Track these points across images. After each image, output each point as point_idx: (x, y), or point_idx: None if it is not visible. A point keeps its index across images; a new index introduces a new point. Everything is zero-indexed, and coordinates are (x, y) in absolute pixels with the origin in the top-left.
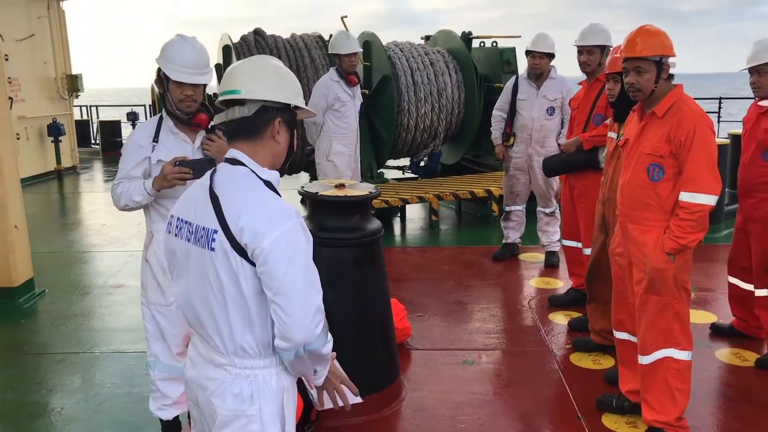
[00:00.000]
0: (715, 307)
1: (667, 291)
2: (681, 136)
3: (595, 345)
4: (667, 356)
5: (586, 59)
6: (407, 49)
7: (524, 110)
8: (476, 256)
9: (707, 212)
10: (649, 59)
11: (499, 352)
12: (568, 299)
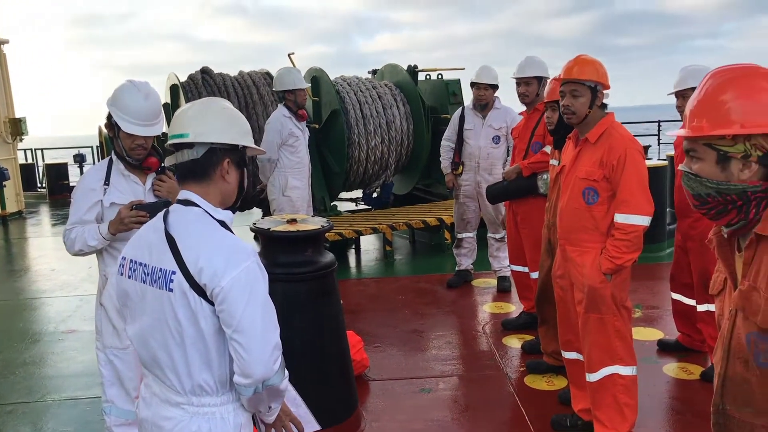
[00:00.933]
0: (662, 323)
1: (607, 309)
2: (613, 161)
3: (548, 366)
4: (613, 373)
5: (524, 90)
6: (355, 83)
7: (471, 139)
8: (431, 284)
9: (641, 232)
10: (585, 83)
11: (455, 378)
12: (521, 323)
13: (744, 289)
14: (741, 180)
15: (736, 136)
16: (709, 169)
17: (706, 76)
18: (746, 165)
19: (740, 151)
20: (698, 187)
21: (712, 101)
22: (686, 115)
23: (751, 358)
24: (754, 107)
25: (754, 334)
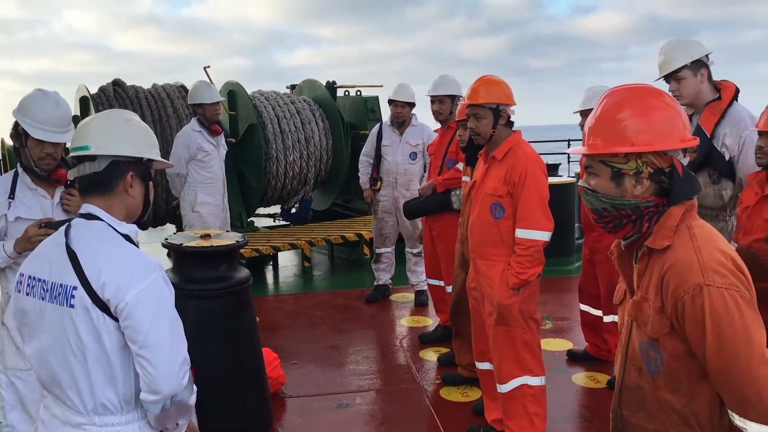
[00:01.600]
0: (571, 334)
1: (515, 323)
2: (515, 177)
3: (463, 378)
4: (523, 384)
5: (438, 108)
6: (273, 98)
7: (389, 155)
8: (349, 299)
9: (540, 247)
10: (486, 106)
11: (373, 393)
12: (437, 336)
13: (637, 299)
14: (634, 195)
15: (628, 153)
16: (604, 184)
17: (602, 96)
18: (638, 181)
19: (632, 168)
20: (596, 202)
21: (607, 120)
22: (585, 133)
23: (644, 366)
24: (645, 126)
25: (645, 342)
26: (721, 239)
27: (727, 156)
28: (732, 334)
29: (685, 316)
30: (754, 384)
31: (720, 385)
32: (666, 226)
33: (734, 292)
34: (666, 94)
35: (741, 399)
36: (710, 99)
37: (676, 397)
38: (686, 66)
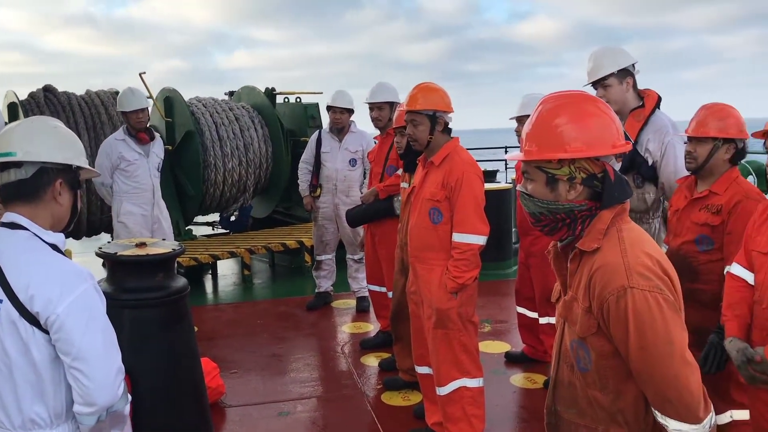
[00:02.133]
0: (509, 336)
1: (453, 325)
2: (452, 183)
3: (404, 382)
4: (461, 386)
5: (377, 115)
6: (211, 104)
7: (328, 162)
8: (290, 307)
9: (476, 251)
10: (423, 113)
11: (314, 400)
12: (378, 341)
13: (567, 299)
14: (568, 200)
15: (561, 159)
16: (540, 189)
17: (539, 102)
18: (572, 186)
19: (566, 174)
20: (532, 206)
21: (543, 127)
22: (522, 139)
23: (575, 363)
24: (579, 133)
25: (575, 341)
26: (649, 242)
27: (650, 161)
28: (654, 335)
29: (610, 317)
30: (674, 383)
31: (643, 384)
32: (596, 229)
33: (657, 294)
34: (600, 101)
35: (662, 398)
36: (634, 106)
37: (603, 394)
38: (613, 74)
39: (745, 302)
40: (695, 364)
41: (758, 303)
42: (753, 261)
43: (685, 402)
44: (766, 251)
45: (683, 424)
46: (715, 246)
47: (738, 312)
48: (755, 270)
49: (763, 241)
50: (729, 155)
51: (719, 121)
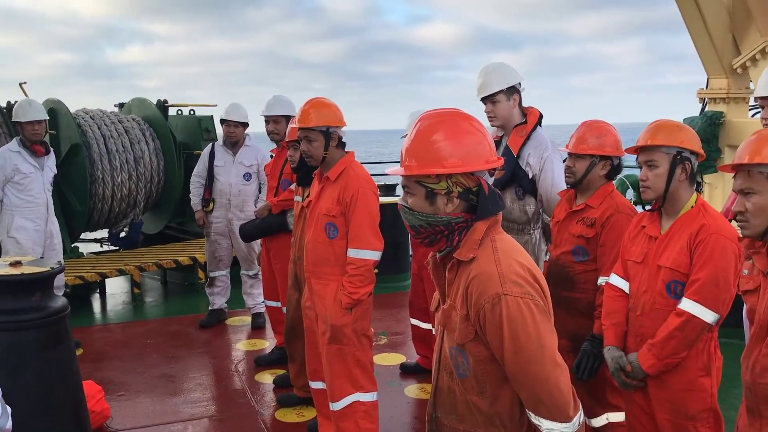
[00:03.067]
0: (405, 348)
1: (348, 341)
2: (347, 198)
3: (298, 399)
4: (355, 400)
5: (273, 128)
6: (99, 116)
7: (222, 176)
8: (183, 325)
9: (371, 266)
10: (317, 129)
11: (206, 421)
12: (274, 358)
13: (446, 308)
14: (446, 213)
15: (439, 174)
16: (420, 203)
17: (417, 119)
18: (449, 200)
19: (444, 188)
20: (413, 220)
21: (421, 143)
22: (402, 155)
23: (454, 370)
24: (455, 149)
25: (454, 348)
26: (520, 251)
27: (530, 175)
28: (526, 339)
29: (486, 323)
30: (546, 385)
31: (518, 387)
32: (471, 240)
33: (529, 300)
34: (475, 119)
35: (535, 399)
36: (518, 122)
37: (481, 399)
38: (502, 91)
39: (622, 311)
40: (565, 366)
41: (632, 310)
42: (628, 271)
43: (556, 402)
44: (639, 260)
45: (555, 423)
46: (590, 257)
47: (615, 320)
48: (630, 279)
49: (637, 252)
50: (605, 171)
51: (597, 138)
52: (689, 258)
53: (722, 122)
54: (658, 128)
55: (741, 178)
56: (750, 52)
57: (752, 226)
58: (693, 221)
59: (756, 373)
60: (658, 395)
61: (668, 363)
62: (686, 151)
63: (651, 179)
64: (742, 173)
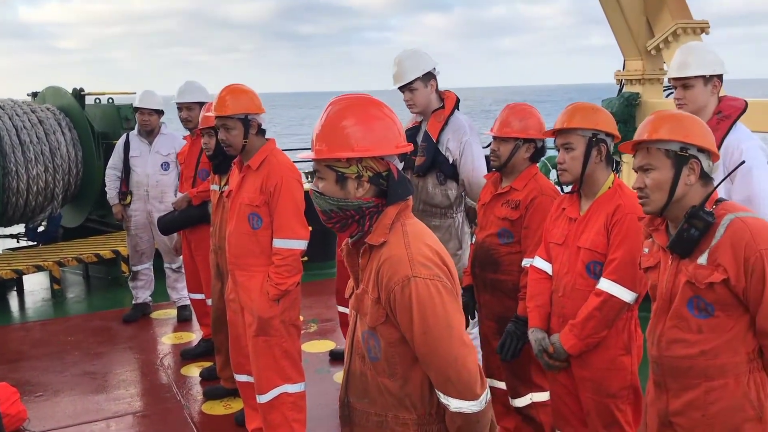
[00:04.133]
0: (335, 335)
1: (275, 332)
2: (270, 188)
3: (225, 390)
4: (282, 392)
5: (186, 116)
6: (9, 106)
7: (138, 167)
8: (106, 321)
9: (298, 256)
10: (235, 117)
11: (130, 417)
12: (200, 350)
13: (359, 292)
14: (357, 197)
15: (350, 158)
16: (331, 187)
17: (328, 104)
18: (360, 184)
19: (354, 172)
20: (324, 204)
21: (331, 127)
22: (312, 139)
23: (366, 354)
24: (365, 134)
25: (366, 331)
26: (429, 235)
27: (451, 159)
28: (435, 320)
29: (396, 305)
30: (454, 364)
31: (427, 367)
32: (382, 225)
33: (437, 282)
34: (384, 104)
35: (444, 378)
36: (436, 107)
37: (392, 381)
38: (418, 78)
39: (546, 293)
40: (472, 346)
41: (555, 291)
42: (550, 252)
43: (464, 380)
44: (560, 242)
45: (462, 401)
46: (515, 239)
47: (539, 302)
48: (552, 261)
49: (558, 233)
50: (529, 154)
51: (520, 121)
52: (606, 238)
53: (638, 103)
54: (574, 111)
55: (641, 156)
56: (662, 35)
57: (652, 202)
58: (609, 202)
59: (661, 347)
60: (581, 375)
61: (589, 342)
62: (602, 133)
63: (568, 162)
64: (642, 151)
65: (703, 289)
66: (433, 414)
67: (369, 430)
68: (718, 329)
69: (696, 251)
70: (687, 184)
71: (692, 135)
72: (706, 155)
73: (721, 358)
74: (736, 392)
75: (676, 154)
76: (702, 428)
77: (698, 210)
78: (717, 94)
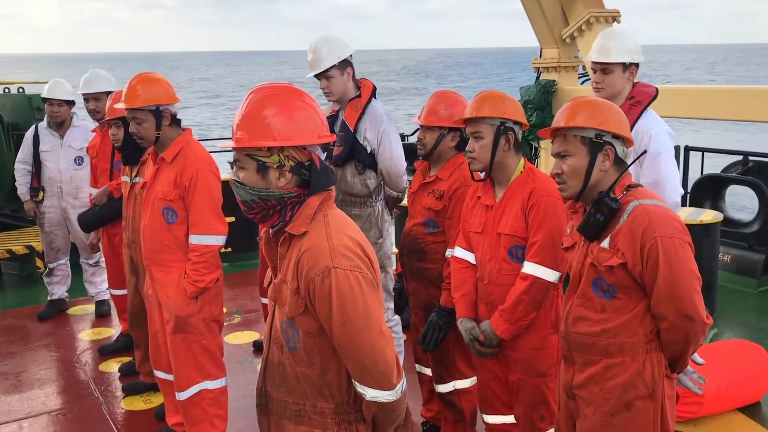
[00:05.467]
0: (259, 325)
1: (193, 330)
2: (185, 182)
3: (145, 385)
4: (202, 389)
5: (94, 106)
6: None
7: (50, 162)
8: (19, 319)
9: (216, 252)
10: (145, 109)
11: (45, 417)
12: (119, 346)
13: (277, 282)
14: (278, 187)
15: (271, 147)
16: (251, 177)
17: (249, 92)
18: (282, 174)
19: (276, 162)
20: (244, 194)
21: (252, 116)
22: (233, 128)
23: (284, 343)
24: (287, 123)
25: (285, 321)
26: (351, 226)
27: (369, 149)
28: (354, 311)
29: (315, 296)
30: (372, 353)
31: (345, 357)
32: (304, 214)
33: (358, 273)
34: (306, 94)
35: (361, 368)
36: (353, 96)
37: (311, 370)
38: (334, 66)
39: (470, 281)
40: (391, 336)
41: (480, 279)
42: (471, 241)
43: (381, 369)
44: (480, 230)
45: (378, 391)
46: (440, 229)
47: (464, 291)
48: (474, 249)
49: (476, 222)
50: (455, 142)
51: (446, 110)
52: (525, 222)
53: (555, 90)
54: (482, 100)
55: (558, 142)
56: (576, 23)
57: (569, 187)
58: (524, 186)
59: (569, 323)
60: (511, 357)
61: (520, 326)
62: (509, 121)
63: (477, 150)
64: (559, 137)
65: (604, 272)
66: (351, 403)
67: (286, 418)
68: (620, 310)
69: (603, 235)
70: (602, 170)
71: (607, 122)
72: (621, 141)
73: (620, 337)
74: (632, 370)
75: (591, 140)
76: (599, 402)
77: (604, 196)
78: (633, 80)
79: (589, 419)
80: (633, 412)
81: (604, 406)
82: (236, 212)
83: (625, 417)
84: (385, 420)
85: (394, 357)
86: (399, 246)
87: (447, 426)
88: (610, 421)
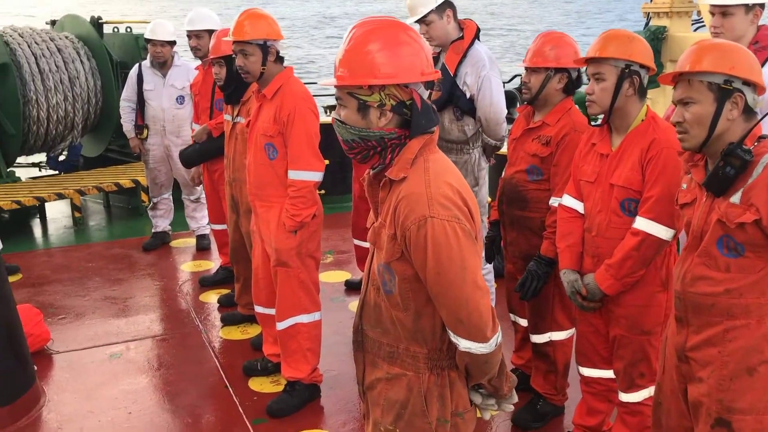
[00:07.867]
0: (350, 266)
1: (293, 263)
2: (284, 117)
3: (242, 317)
4: (297, 322)
5: (196, 44)
6: (29, 34)
7: (153, 101)
8: (126, 248)
9: (312, 188)
10: (254, 43)
11: (149, 341)
12: (218, 278)
13: (376, 225)
14: (379, 127)
15: (372, 86)
16: (352, 116)
17: (351, 27)
18: (383, 113)
19: (376, 101)
20: (345, 133)
21: (355, 52)
22: (335, 64)
23: (381, 286)
24: (390, 60)
25: (382, 265)
26: (453, 173)
27: (468, 94)
28: (449, 262)
29: (411, 244)
30: (465, 306)
31: (439, 306)
32: (404, 159)
33: (455, 223)
34: (412, 29)
35: (455, 318)
36: (455, 38)
37: (405, 315)
38: (432, 10)
39: (577, 232)
40: (487, 289)
41: (588, 231)
42: (581, 190)
43: (475, 322)
44: (592, 180)
45: (472, 342)
46: (544, 176)
47: (570, 242)
48: (584, 199)
49: (589, 171)
50: (562, 85)
51: (552, 50)
52: (641, 175)
53: (665, 37)
54: (608, 39)
55: (681, 88)
56: None
57: (691, 137)
58: (643, 136)
59: (686, 283)
60: (614, 312)
61: (626, 282)
62: (636, 64)
63: (597, 93)
64: (683, 83)
65: (733, 229)
66: (444, 350)
67: (380, 358)
68: (747, 269)
69: (731, 190)
70: (729, 119)
71: (738, 67)
72: (752, 88)
73: (746, 298)
74: (757, 333)
75: (719, 87)
76: (716, 365)
77: (736, 148)
78: (757, 23)
79: (704, 383)
80: (755, 378)
81: (722, 369)
82: (330, 155)
83: (746, 382)
84: (478, 371)
85: (489, 310)
86: (496, 194)
87: (537, 376)
88: (729, 386)
